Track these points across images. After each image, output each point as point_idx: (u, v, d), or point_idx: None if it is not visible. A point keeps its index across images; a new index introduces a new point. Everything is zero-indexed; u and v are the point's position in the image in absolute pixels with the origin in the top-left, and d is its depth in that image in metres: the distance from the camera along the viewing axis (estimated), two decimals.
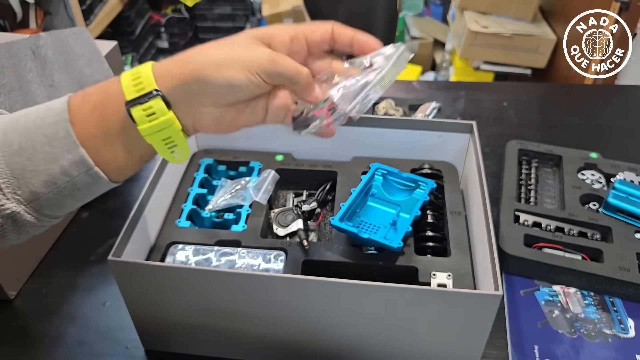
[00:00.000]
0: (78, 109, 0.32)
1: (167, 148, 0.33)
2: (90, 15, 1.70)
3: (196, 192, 0.54)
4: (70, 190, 0.33)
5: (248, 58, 0.32)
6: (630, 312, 0.50)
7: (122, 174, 0.34)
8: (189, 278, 0.40)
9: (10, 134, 0.32)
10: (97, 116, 0.32)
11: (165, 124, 0.32)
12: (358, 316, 0.40)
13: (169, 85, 0.32)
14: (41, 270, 0.55)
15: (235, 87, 0.32)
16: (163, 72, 0.32)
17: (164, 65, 0.33)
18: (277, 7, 2.00)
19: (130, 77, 0.32)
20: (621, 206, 0.56)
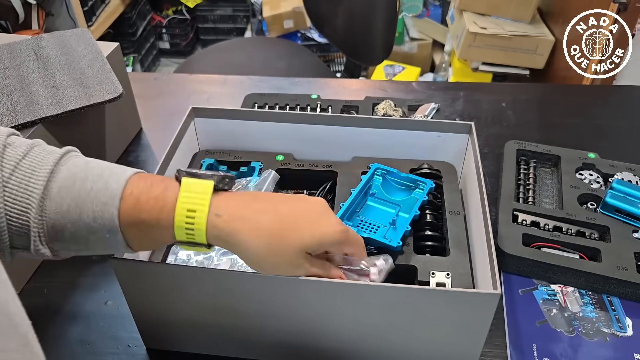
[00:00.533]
0: (129, 206, 0.33)
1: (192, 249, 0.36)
2: (92, 16, 1.70)
3: None
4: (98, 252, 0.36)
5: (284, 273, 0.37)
6: (628, 311, 0.50)
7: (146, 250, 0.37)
8: (191, 277, 0.41)
9: (64, 194, 0.33)
10: (143, 227, 0.34)
11: (202, 251, 0.36)
12: (357, 315, 0.41)
13: (216, 241, 0.35)
14: (43, 270, 0.55)
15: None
16: (217, 230, 0.34)
17: (229, 224, 0.34)
18: (278, 9, 2.01)
19: (184, 222, 0.33)
20: (619, 206, 0.56)
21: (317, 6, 1.30)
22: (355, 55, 1.24)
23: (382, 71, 1.84)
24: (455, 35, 1.64)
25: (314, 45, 2.03)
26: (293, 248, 0.35)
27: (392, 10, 1.07)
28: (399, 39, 1.91)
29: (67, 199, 0.33)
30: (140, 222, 0.33)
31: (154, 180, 0.34)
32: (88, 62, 0.61)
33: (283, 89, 0.85)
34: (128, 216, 0.33)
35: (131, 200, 0.33)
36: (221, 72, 0.95)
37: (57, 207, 0.33)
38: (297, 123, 0.56)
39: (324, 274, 0.38)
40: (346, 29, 1.19)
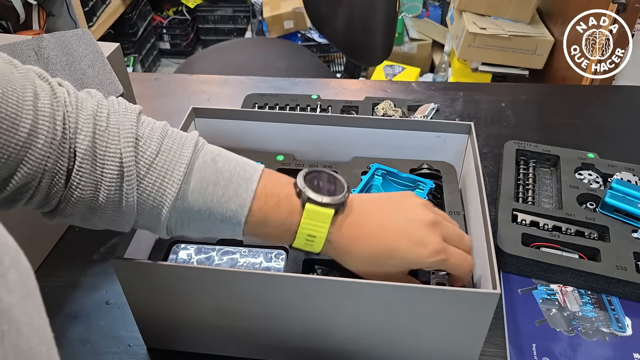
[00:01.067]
0: (256, 220, 0.37)
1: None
2: (93, 16, 1.70)
3: None
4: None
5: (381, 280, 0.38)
6: (628, 310, 0.51)
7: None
8: (191, 277, 0.41)
9: (197, 196, 0.36)
10: (264, 234, 0.38)
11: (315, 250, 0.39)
12: (357, 314, 0.41)
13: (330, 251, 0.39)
14: (44, 269, 0.55)
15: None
16: (338, 250, 0.39)
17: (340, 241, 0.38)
18: (278, 9, 2.01)
19: (304, 239, 0.37)
20: (618, 206, 0.56)
21: (317, 7, 1.30)
22: (355, 55, 1.25)
23: (382, 71, 1.84)
24: (454, 36, 1.64)
25: (314, 45, 2.04)
26: (394, 269, 0.39)
27: (392, 10, 1.07)
28: (399, 40, 1.91)
29: (199, 202, 0.36)
30: (263, 232, 0.38)
31: (281, 197, 0.37)
32: (89, 62, 0.61)
33: (283, 89, 0.85)
34: (254, 226, 0.37)
35: (260, 215, 0.37)
36: (221, 73, 0.96)
37: (189, 207, 0.36)
38: (297, 123, 0.57)
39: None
40: (346, 30, 1.19)
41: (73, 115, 0.33)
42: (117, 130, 0.34)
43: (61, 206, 0.34)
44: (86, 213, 0.35)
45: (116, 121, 0.35)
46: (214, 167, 0.36)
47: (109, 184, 0.34)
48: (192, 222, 0.37)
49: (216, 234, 0.39)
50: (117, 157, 0.34)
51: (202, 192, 0.36)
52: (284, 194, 0.37)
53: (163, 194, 0.35)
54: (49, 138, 0.32)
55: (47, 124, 0.31)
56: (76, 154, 0.33)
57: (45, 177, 0.32)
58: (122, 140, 0.34)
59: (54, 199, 0.34)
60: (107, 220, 0.36)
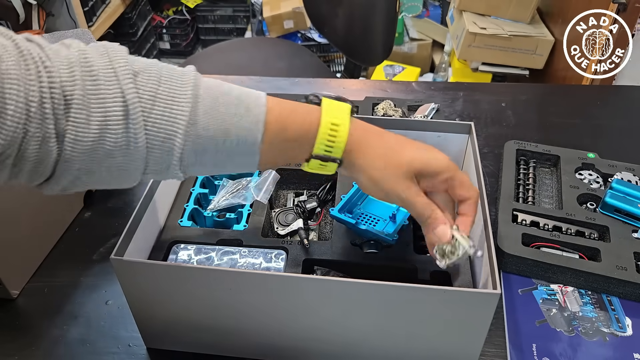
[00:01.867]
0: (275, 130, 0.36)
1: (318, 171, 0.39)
2: (93, 16, 1.70)
3: (198, 191, 0.54)
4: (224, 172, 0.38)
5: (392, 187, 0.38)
6: (628, 310, 0.51)
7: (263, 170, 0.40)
8: (191, 277, 0.41)
9: (210, 119, 0.34)
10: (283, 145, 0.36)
11: (329, 172, 0.39)
12: (358, 314, 0.41)
13: (346, 155, 0.37)
14: (44, 269, 0.55)
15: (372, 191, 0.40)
16: (355, 144, 0.38)
17: (358, 137, 0.38)
18: (278, 9, 2.01)
19: (327, 134, 0.36)
20: (618, 206, 0.56)
21: (317, 6, 1.30)
22: (355, 55, 1.24)
23: (382, 71, 1.84)
24: (455, 36, 1.64)
25: (314, 45, 2.04)
26: (404, 161, 0.38)
27: (392, 10, 1.07)
28: (399, 39, 1.91)
29: (212, 125, 0.34)
30: (284, 140, 0.36)
31: (294, 105, 0.37)
32: None
33: (283, 89, 0.85)
34: (273, 137, 0.35)
35: (278, 124, 0.35)
36: (221, 73, 0.96)
37: (202, 133, 0.34)
38: None
39: (428, 205, 0.39)
40: (346, 30, 1.19)
41: (54, 69, 0.30)
42: (112, 70, 0.32)
43: (58, 171, 0.32)
44: (92, 165, 0.32)
45: (108, 62, 0.32)
46: (220, 89, 0.35)
47: (115, 127, 0.31)
48: (206, 153, 0.34)
49: (230, 166, 0.37)
50: (118, 96, 0.31)
51: (214, 114, 0.34)
52: (296, 104, 0.37)
53: (174, 122, 0.33)
54: (22, 102, 0.29)
55: (15, 87, 0.28)
56: (69, 106, 0.30)
57: (29, 143, 0.29)
58: (121, 78, 0.32)
59: (48, 165, 0.31)
60: (116, 172, 0.33)
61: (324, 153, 0.37)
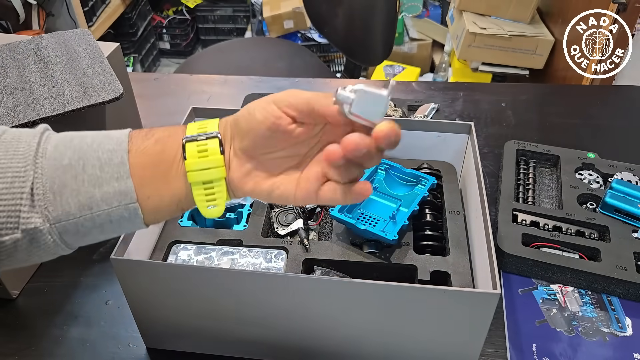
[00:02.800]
0: (140, 140, 0.32)
1: (205, 194, 0.32)
2: (93, 16, 1.70)
3: None
4: (102, 221, 0.31)
5: (273, 98, 0.35)
6: (628, 310, 0.51)
7: (156, 215, 0.33)
8: (191, 277, 0.41)
9: (62, 149, 0.31)
10: (157, 149, 0.32)
11: (213, 163, 0.32)
12: (358, 314, 0.41)
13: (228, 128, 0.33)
14: (44, 269, 0.55)
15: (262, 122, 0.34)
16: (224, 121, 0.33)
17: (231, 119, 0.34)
18: (278, 9, 2.01)
19: (198, 123, 0.33)
20: (618, 206, 0.56)
21: (317, 6, 1.30)
22: (355, 55, 1.24)
23: (382, 71, 1.84)
24: (455, 36, 1.64)
25: (314, 45, 2.04)
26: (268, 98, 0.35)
27: (392, 10, 1.07)
28: (399, 39, 1.91)
29: (67, 153, 0.30)
30: (153, 142, 0.32)
31: (160, 128, 0.33)
32: (88, 62, 0.61)
33: (283, 89, 0.85)
34: (138, 150, 0.31)
35: (141, 134, 0.32)
36: (221, 73, 0.96)
37: (56, 162, 0.30)
38: None
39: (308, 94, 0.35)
40: (346, 30, 1.19)
41: None
42: None
43: None
44: None
45: None
46: (73, 133, 0.32)
47: None
48: (66, 187, 0.30)
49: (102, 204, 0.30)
50: None
51: (67, 145, 0.31)
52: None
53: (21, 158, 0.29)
54: None
55: None
56: None
57: None
58: None
59: None
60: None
61: (196, 132, 0.32)
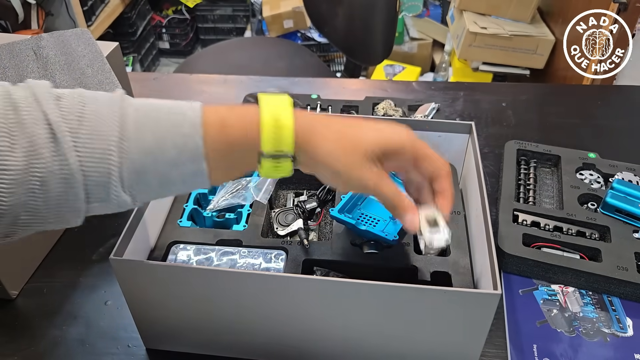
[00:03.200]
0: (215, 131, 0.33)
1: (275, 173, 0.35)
2: (92, 16, 1.70)
3: (197, 192, 0.54)
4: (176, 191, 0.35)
5: (357, 177, 0.36)
6: (629, 311, 0.50)
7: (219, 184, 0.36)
8: (190, 277, 0.40)
9: (143, 131, 0.32)
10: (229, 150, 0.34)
11: (285, 172, 0.35)
12: (358, 315, 0.41)
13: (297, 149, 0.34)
14: (43, 270, 0.55)
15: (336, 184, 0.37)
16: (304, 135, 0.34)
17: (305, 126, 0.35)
18: (278, 9, 2.01)
19: (272, 126, 0.33)
20: (619, 206, 0.56)
21: (317, 6, 1.30)
22: (355, 55, 1.24)
23: (382, 71, 1.84)
24: (455, 35, 1.64)
25: (314, 45, 2.03)
26: (362, 146, 0.36)
27: (392, 10, 1.07)
28: (399, 39, 1.91)
29: (147, 136, 0.32)
30: (228, 143, 0.33)
31: (231, 107, 0.35)
32: (88, 62, 0.61)
33: (283, 88, 0.85)
34: (214, 141, 0.33)
35: (217, 123, 0.33)
36: (221, 72, 0.95)
37: (139, 145, 0.32)
38: None
39: (396, 193, 0.37)
40: (346, 29, 1.19)
41: None
42: (33, 97, 0.31)
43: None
44: (27, 200, 0.30)
45: (30, 93, 0.31)
46: (149, 102, 0.34)
47: (43, 151, 0.30)
48: (147, 169, 0.32)
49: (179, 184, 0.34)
50: (40, 119, 0.30)
51: (146, 125, 0.32)
52: (232, 105, 0.35)
53: (106, 138, 0.31)
54: None
55: None
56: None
57: None
58: (43, 102, 0.31)
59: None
60: (56, 203, 0.31)
61: (273, 150, 0.34)
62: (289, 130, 0.33)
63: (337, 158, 0.35)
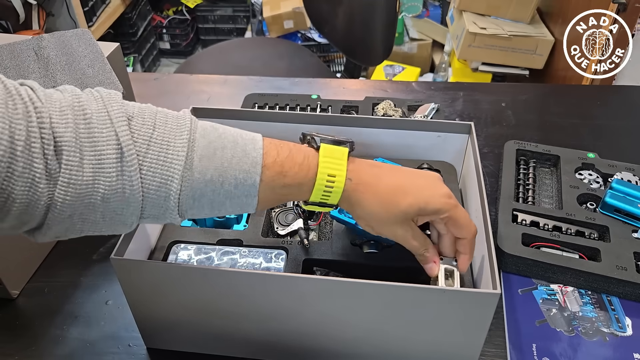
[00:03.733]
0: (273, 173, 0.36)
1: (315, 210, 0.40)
2: (93, 16, 1.70)
3: None
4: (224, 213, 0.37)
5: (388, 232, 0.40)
6: (628, 310, 0.51)
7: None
8: (191, 277, 0.41)
9: (206, 163, 0.34)
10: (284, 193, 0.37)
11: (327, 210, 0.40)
12: (358, 314, 0.41)
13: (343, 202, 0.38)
14: (44, 269, 0.55)
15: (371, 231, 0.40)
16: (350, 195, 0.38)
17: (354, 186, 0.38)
18: (278, 9, 2.01)
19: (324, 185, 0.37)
20: (618, 206, 0.56)
21: (317, 6, 1.30)
22: (355, 55, 1.24)
23: (382, 71, 1.84)
24: (455, 36, 1.64)
25: (314, 45, 2.04)
26: (400, 208, 0.38)
27: (392, 10, 1.07)
28: (399, 39, 1.91)
29: (209, 168, 0.34)
30: (282, 186, 0.36)
31: (291, 147, 0.37)
32: (89, 62, 0.61)
33: (283, 89, 0.85)
34: (271, 181, 0.36)
35: (276, 167, 0.36)
36: (221, 72, 0.96)
37: (200, 176, 0.34)
38: (297, 123, 0.56)
39: (421, 246, 0.41)
40: (346, 30, 1.19)
41: (45, 110, 0.30)
42: (106, 114, 0.32)
43: (50, 217, 0.31)
44: (86, 211, 0.31)
45: (102, 106, 0.32)
46: (216, 133, 0.35)
47: (110, 171, 0.31)
48: (204, 196, 0.34)
49: (229, 209, 0.36)
50: (112, 139, 0.31)
51: (211, 158, 0.34)
52: (292, 145, 0.38)
53: (170, 166, 0.32)
54: (6, 139, 0.28)
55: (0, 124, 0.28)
56: (60, 149, 0.30)
57: (16, 183, 0.28)
58: (115, 121, 0.32)
59: (38, 209, 0.30)
60: (111, 218, 0.33)
61: (320, 201, 0.38)
62: (338, 191, 0.37)
63: (374, 217, 0.39)
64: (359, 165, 0.39)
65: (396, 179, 0.39)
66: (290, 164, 0.36)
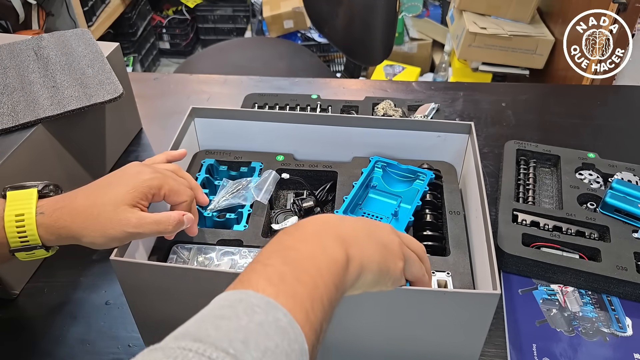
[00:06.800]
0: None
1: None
2: (92, 16, 1.70)
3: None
4: None
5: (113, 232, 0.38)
6: (628, 310, 0.51)
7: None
8: (191, 277, 0.41)
9: None
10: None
11: (42, 256, 0.39)
12: (358, 315, 0.41)
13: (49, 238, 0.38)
14: (44, 269, 0.55)
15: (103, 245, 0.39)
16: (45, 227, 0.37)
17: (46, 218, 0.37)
18: (278, 9, 2.01)
19: (14, 222, 0.37)
20: (619, 206, 0.56)
21: (317, 6, 1.30)
22: (355, 55, 1.24)
23: (382, 71, 1.84)
24: (455, 36, 1.64)
25: (314, 45, 2.03)
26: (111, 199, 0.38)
27: (392, 10, 1.07)
28: (399, 39, 1.91)
29: None
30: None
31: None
32: (88, 62, 0.61)
33: (283, 89, 0.85)
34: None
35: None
36: (221, 72, 0.96)
37: None
38: (297, 123, 0.56)
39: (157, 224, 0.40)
40: (346, 29, 1.19)
41: None
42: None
43: None
44: None
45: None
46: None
47: None
48: None
49: None
50: None
51: None
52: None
53: None
54: None
55: None
56: None
57: None
58: None
59: None
60: None
61: (21, 245, 0.37)
62: (32, 227, 0.37)
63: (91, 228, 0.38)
64: (51, 199, 0.39)
65: (90, 189, 0.39)
66: None
